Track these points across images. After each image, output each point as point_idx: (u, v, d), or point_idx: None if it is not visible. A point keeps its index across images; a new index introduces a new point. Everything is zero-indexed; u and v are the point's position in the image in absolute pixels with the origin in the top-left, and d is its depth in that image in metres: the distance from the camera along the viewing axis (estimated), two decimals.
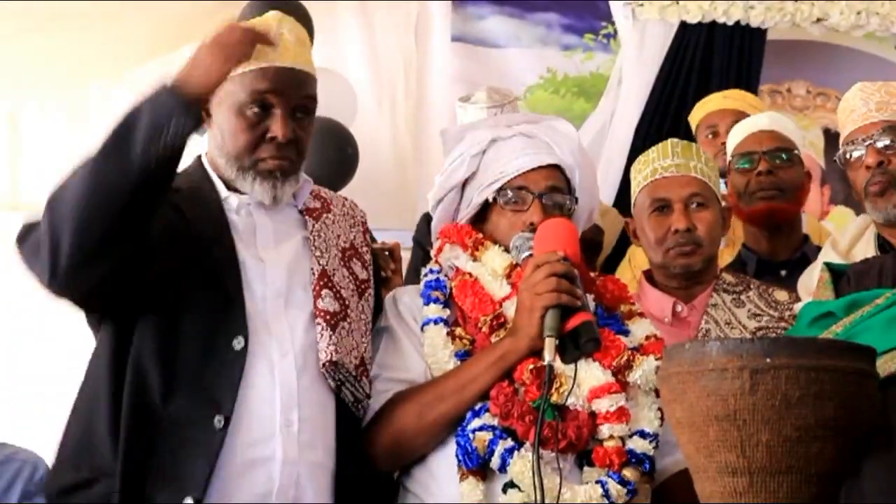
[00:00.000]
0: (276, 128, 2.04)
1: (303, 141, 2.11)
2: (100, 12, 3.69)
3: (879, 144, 2.58)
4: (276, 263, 2.06)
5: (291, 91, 2.07)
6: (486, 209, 2.23)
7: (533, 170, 2.19)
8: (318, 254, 2.10)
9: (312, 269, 2.08)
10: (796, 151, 3.16)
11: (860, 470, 1.61)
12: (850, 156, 2.65)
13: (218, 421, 1.89)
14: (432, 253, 2.28)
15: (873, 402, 1.51)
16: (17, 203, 4.18)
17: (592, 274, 2.25)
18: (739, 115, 3.62)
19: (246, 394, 1.93)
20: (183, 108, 1.84)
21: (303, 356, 2.01)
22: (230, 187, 2.11)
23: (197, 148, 2.11)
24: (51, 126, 4.25)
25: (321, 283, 2.06)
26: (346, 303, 2.09)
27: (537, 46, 4.92)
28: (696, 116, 3.84)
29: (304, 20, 4.21)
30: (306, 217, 2.15)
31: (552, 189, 2.19)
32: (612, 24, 4.79)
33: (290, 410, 1.96)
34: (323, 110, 4.02)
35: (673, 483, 2.08)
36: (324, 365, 1.99)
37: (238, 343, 1.94)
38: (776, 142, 3.14)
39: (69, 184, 1.87)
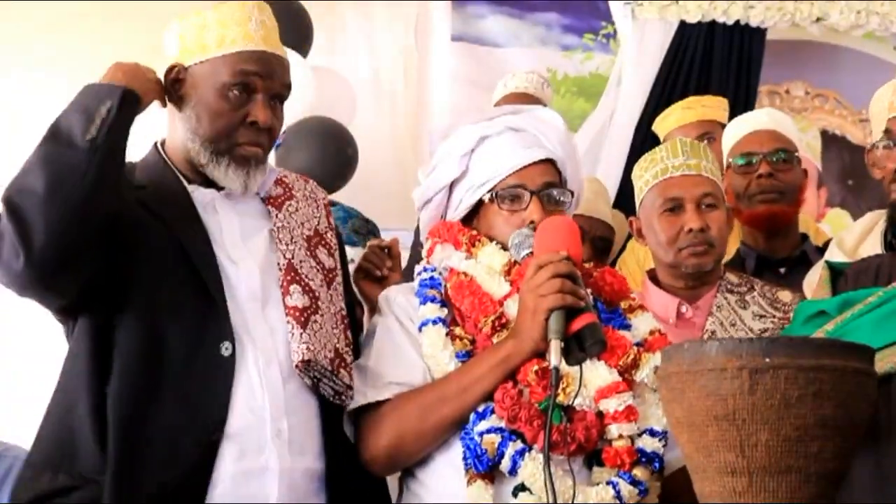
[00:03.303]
0: (258, 112, 2.02)
1: (276, 130, 2.09)
2: (101, 13, 3.70)
3: None
4: (247, 263, 2.02)
5: (275, 76, 2.05)
6: (477, 208, 2.20)
7: (527, 166, 2.15)
8: (283, 247, 2.05)
9: (279, 263, 2.03)
10: (795, 152, 3.15)
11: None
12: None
13: (213, 432, 1.86)
14: (423, 253, 2.24)
15: (872, 402, 1.51)
16: None
17: (588, 266, 2.21)
18: (704, 125, 3.63)
19: (235, 403, 1.89)
20: (112, 90, 1.90)
21: (287, 362, 1.97)
22: (190, 177, 2.07)
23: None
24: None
25: (288, 277, 2.02)
26: (316, 294, 2.03)
27: (537, 46, 4.93)
28: (659, 129, 3.82)
29: (304, 20, 4.22)
30: (269, 207, 2.11)
31: (548, 185, 2.15)
32: (612, 24, 4.80)
33: (279, 419, 1.93)
34: (323, 110, 4.07)
35: (677, 478, 2.05)
36: (296, 365, 1.95)
37: (226, 349, 1.91)
38: (777, 142, 3.12)
39: (25, 180, 1.85)
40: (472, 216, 2.22)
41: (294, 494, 1.94)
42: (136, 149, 2.11)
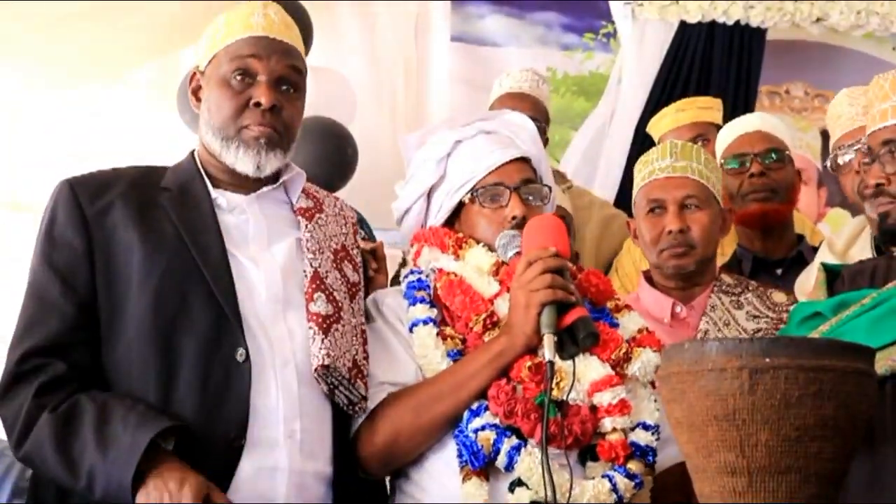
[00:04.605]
0: (259, 93, 2.03)
1: (289, 114, 2.08)
2: (100, 12, 3.70)
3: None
4: (270, 266, 2.03)
5: (275, 58, 2.06)
6: (457, 212, 2.23)
7: (504, 165, 2.18)
8: (310, 255, 2.06)
9: (305, 271, 2.05)
10: (787, 152, 3.16)
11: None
12: (840, 160, 2.66)
13: (235, 439, 1.88)
14: (409, 258, 2.26)
15: (872, 402, 1.51)
16: (17, 202, 4.18)
17: (572, 268, 2.19)
18: (697, 127, 3.63)
19: (252, 404, 1.90)
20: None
21: (304, 364, 1.98)
22: (221, 181, 2.09)
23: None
24: (51, 125, 4.25)
25: (314, 285, 2.03)
26: (340, 305, 2.05)
27: (537, 46, 4.93)
28: (654, 132, 3.81)
29: (304, 20, 4.22)
30: (299, 217, 2.12)
31: (526, 181, 2.19)
32: (612, 23, 4.80)
33: (292, 420, 1.94)
34: (323, 110, 4.06)
35: (663, 479, 2.07)
36: (316, 369, 1.96)
37: (240, 355, 1.91)
38: (767, 143, 3.15)
39: (37, 452, 1.86)
40: (453, 220, 2.24)
41: (303, 496, 1.95)
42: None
